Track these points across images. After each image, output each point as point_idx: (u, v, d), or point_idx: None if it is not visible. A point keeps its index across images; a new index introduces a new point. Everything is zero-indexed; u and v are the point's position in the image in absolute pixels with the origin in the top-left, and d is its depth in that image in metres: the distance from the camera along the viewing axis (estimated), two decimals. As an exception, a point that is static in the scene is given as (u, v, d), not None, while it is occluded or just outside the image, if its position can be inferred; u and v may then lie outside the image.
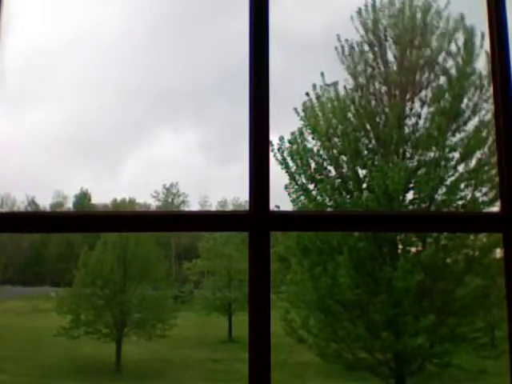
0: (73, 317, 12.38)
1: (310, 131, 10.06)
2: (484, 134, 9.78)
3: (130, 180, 15.16)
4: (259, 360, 1.66)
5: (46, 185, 14.69)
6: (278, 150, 9.84)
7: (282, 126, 9.56)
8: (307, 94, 10.09)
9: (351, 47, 10.18)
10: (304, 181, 9.99)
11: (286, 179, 9.93)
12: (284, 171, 9.86)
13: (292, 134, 10.02)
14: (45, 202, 15.97)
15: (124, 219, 1.85)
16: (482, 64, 9.93)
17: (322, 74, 10.16)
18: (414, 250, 10.06)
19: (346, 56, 10.14)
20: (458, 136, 9.91)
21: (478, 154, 9.76)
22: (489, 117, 9.85)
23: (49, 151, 14.38)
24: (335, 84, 10.07)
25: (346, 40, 10.16)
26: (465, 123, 9.91)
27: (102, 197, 16.95)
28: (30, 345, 12.41)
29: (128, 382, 11.67)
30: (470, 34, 10.02)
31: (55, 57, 13.63)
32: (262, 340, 1.67)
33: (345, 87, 10.12)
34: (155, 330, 12.60)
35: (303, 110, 10.12)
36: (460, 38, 10.06)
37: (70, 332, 12.12)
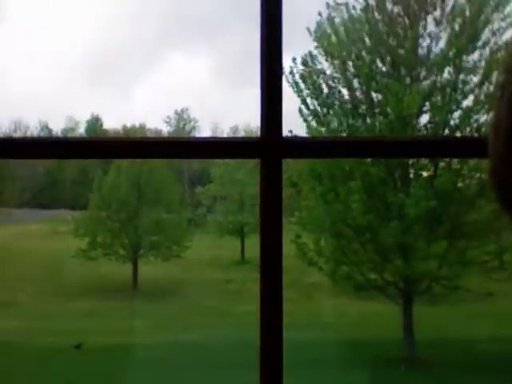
0: (90, 239, 12.70)
1: (322, 53, 9.78)
2: (501, 55, 9.45)
3: (141, 105, 15.04)
4: (271, 280, 1.69)
5: (58, 110, 14.62)
6: (290, 73, 9.58)
7: (293, 47, 9.27)
8: (320, 14, 9.73)
9: None
10: (316, 105, 9.82)
11: (297, 104, 9.73)
12: (296, 95, 9.66)
13: (303, 56, 9.74)
14: (57, 128, 15.97)
15: (136, 146, 1.84)
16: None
17: None
18: (425, 174, 10.03)
19: None
20: (475, 57, 9.59)
21: (494, 77, 9.48)
22: (507, 37, 9.49)
23: (59, 75, 14.21)
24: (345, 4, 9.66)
25: None
26: (483, 45, 9.56)
27: (114, 122, 16.90)
28: (49, 266, 12.83)
29: (144, 300, 12.12)
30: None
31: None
32: (273, 260, 1.69)
33: (355, 7, 9.71)
34: (170, 252, 12.93)
35: (315, 31, 9.78)
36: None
37: (88, 253, 12.47)
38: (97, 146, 1.83)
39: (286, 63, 9.41)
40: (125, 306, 11.87)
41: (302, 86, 9.71)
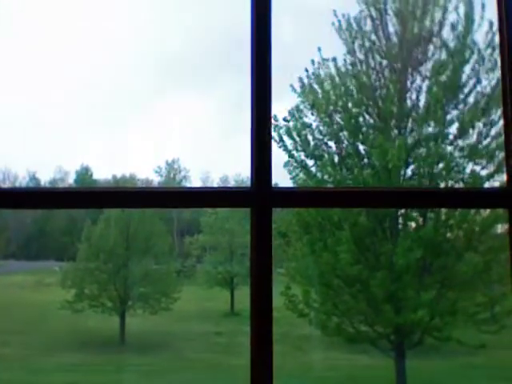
0: (77, 290, 12.49)
1: (308, 108, 10.00)
2: (483, 106, 9.70)
3: (131, 155, 15.13)
4: (261, 333, 1.68)
5: (46, 160, 14.65)
6: (275, 128, 9.74)
7: (280, 101, 9.49)
8: (306, 70, 9.99)
9: (350, 21, 10.02)
10: (303, 157, 9.96)
11: (284, 156, 9.89)
12: (282, 149, 9.82)
13: (290, 110, 9.95)
14: (45, 178, 15.97)
15: (126, 195, 1.85)
16: (481, 35, 9.82)
17: (320, 49, 10.05)
18: (414, 225, 10.09)
19: (344, 30, 9.99)
20: (458, 110, 9.84)
21: (477, 127, 9.70)
22: (488, 89, 9.77)
23: (48, 125, 14.33)
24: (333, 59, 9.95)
25: (343, 15, 10.00)
26: (466, 96, 9.83)
27: (104, 172, 16.95)
28: (35, 318, 12.56)
29: (131, 354, 11.84)
30: (469, 5, 9.88)
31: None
32: (264, 313, 1.68)
33: (345, 61, 10.01)
34: (159, 304, 12.72)
35: (301, 87, 10.03)
36: (460, 8, 9.92)
37: (74, 305, 12.23)
38: (86, 196, 1.84)
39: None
40: (111, 360, 11.57)
41: (287, 140, 9.89)
